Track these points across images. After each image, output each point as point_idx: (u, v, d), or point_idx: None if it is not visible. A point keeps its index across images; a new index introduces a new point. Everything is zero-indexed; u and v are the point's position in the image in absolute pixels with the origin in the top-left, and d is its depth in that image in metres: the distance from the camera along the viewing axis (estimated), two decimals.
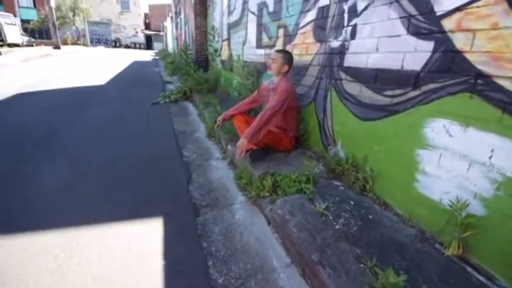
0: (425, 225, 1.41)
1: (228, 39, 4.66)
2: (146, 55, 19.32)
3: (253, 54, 3.49)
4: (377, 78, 1.60)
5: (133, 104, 4.71)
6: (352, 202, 1.65)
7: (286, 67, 2.13)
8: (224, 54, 5.02)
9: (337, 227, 1.45)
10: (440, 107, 1.28)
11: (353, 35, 1.75)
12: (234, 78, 4.31)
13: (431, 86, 1.31)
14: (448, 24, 1.22)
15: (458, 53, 1.19)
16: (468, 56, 1.15)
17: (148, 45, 33.61)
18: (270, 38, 3.00)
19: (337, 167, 1.88)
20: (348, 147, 1.91)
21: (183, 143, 2.95)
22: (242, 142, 1.95)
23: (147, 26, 34.73)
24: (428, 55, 1.31)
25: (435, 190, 1.34)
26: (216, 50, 5.37)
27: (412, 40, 1.38)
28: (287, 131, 2.26)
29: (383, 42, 1.54)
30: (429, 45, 1.30)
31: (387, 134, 1.57)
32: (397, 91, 1.48)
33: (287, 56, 2.13)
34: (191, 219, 1.67)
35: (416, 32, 1.36)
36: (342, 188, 1.81)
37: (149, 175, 2.19)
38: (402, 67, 1.45)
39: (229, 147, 2.70)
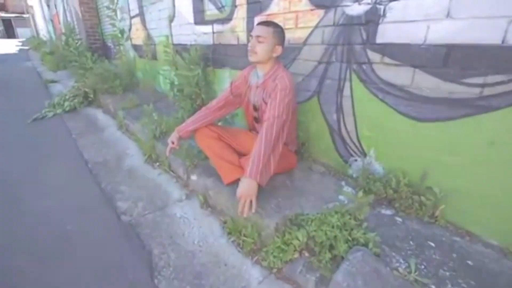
0: None
1: (141, 14, 3.40)
2: (9, 46, 14.35)
3: (192, 33, 2.49)
4: (449, 59, 1.06)
5: None
6: (432, 244, 1.13)
7: (279, 49, 1.36)
8: (137, 37, 3.71)
9: None
10: None
11: None
12: (160, 68, 3.20)
13: None
14: None
15: None
16: None
17: (9, 32, 25.46)
18: (219, 8, 2.10)
19: (384, 189, 1.32)
20: (389, 159, 1.36)
21: (110, 185, 1.81)
22: (250, 188, 1.11)
23: (2, 7, 25.93)
24: None
25: None
26: (122, 32, 3.95)
27: None
28: (289, 144, 1.55)
29: (461, 1, 0.99)
30: None
31: (471, 140, 1.08)
32: (493, 78, 0.97)
33: (281, 32, 1.35)
34: None
35: None
36: (399, 220, 1.27)
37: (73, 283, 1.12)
38: (503, 40, 0.93)
39: (193, 177, 1.79)
